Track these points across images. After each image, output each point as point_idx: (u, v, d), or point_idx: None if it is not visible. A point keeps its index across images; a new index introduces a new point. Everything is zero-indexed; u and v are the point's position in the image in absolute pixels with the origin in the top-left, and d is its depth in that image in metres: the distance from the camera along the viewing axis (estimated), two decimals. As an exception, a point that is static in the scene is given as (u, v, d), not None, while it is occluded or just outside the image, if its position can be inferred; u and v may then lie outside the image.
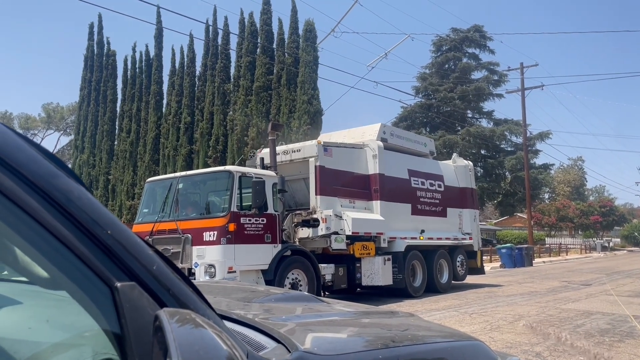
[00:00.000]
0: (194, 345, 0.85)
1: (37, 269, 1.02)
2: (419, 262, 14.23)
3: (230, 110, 29.24)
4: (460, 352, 1.79)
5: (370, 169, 13.46)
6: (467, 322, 9.34)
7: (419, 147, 15.68)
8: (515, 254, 28.19)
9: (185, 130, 30.40)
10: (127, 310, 0.95)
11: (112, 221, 1.00)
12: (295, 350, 1.30)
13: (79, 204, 0.96)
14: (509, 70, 40.24)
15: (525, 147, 37.59)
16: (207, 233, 10.02)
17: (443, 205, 15.57)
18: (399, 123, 40.28)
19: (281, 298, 2.39)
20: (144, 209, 11.46)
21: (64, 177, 0.98)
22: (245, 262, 10.18)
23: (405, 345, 1.62)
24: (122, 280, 0.97)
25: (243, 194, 10.42)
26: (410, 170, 14.64)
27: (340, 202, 12.48)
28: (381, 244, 13.16)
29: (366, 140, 13.84)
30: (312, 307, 2.19)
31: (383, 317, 2.20)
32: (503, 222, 60.53)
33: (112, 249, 0.98)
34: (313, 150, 12.28)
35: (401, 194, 14.10)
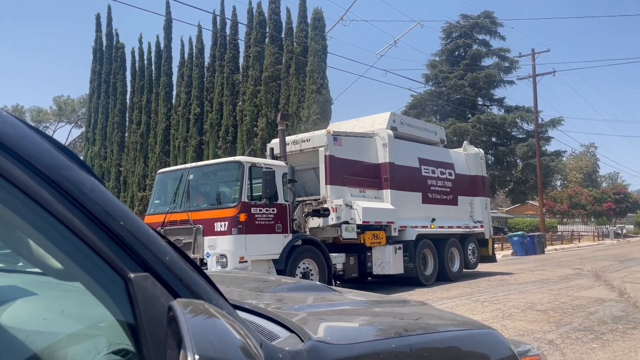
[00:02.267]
0: (208, 335, 0.85)
1: (52, 261, 1.02)
2: (430, 250, 14.22)
3: (239, 100, 29.14)
4: (473, 340, 1.78)
5: (381, 157, 13.43)
6: (479, 310, 9.35)
7: (429, 136, 15.61)
8: (527, 241, 28.03)
9: (195, 122, 30.32)
10: (140, 300, 0.95)
11: (124, 213, 1.00)
12: (308, 340, 1.30)
13: (92, 195, 0.96)
14: (520, 57, 39.95)
15: (537, 134, 37.31)
16: (218, 223, 10.09)
17: (454, 193, 15.52)
18: (408, 111, 40.08)
19: (293, 287, 2.39)
20: (156, 200, 11.53)
21: (77, 170, 0.98)
22: (257, 252, 10.24)
23: (418, 334, 1.62)
24: (136, 271, 0.97)
25: (253, 184, 10.46)
26: (421, 159, 14.60)
27: (351, 192, 12.48)
28: (392, 233, 13.16)
29: (376, 129, 13.80)
30: (324, 297, 2.18)
31: (395, 306, 2.19)
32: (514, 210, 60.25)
33: (125, 241, 0.98)
34: (323, 139, 12.27)
35: (412, 182, 14.07)
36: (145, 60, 32.69)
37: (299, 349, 1.24)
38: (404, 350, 1.47)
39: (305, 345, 1.26)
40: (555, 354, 6.10)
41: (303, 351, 1.24)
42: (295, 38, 27.45)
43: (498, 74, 41.80)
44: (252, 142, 27.10)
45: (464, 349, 1.72)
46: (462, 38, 43.21)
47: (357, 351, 1.36)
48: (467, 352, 1.73)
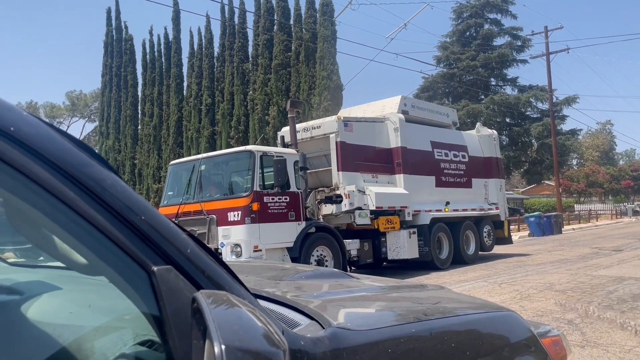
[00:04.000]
0: (232, 325, 0.87)
1: (76, 256, 1.03)
2: (445, 234, 14.14)
3: (250, 89, 29.12)
4: (492, 322, 1.78)
5: (392, 142, 13.33)
6: (497, 292, 9.30)
7: (441, 118, 15.44)
8: (544, 222, 27.76)
9: (206, 112, 30.38)
10: (164, 293, 0.97)
11: (145, 207, 1.02)
12: (329, 327, 1.30)
13: (113, 191, 0.98)
14: (532, 35, 39.29)
15: (552, 113, 36.82)
16: (231, 213, 10.10)
17: (468, 175, 15.38)
18: (420, 94, 39.74)
19: (311, 275, 2.40)
20: (169, 192, 11.57)
21: (97, 166, 0.99)
22: (271, 241, 10.24)
23: (437, 318, 1.62)
24: (159, 264, 0.99)
25: (265, 173, 10.44)
26: (433, 142, 14.46)
27: (363, 177, 12.41)
28: (406, 217, 13.09)
29: (387, 113, 13.68)
30: (342, 283, 2.19)
31: (413, 290, 2.20)
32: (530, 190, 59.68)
33: (147, 234, 1.00)
34: (333, 126, 12.18)
35: (424, 166, 13.95)
36: (155, 53, 32.77)
37: (320, 335, 1.25)
38: (423, 334, 1.48)
39: (327, 332, 1.28)
40: (574, 333, 6.09)
41: (324, 338, 1.25)
42: (304, 24, 27.25)
43: (511, 53, 41.23)
44: (264, 131, 27.07)
45: (483, 331, 1.73)
46: (473, 18, 42.61)
47: (377, 337, 1.37)
48: (486, 335, 1.73)
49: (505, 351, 1.75)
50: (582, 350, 5.47)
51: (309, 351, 1.19)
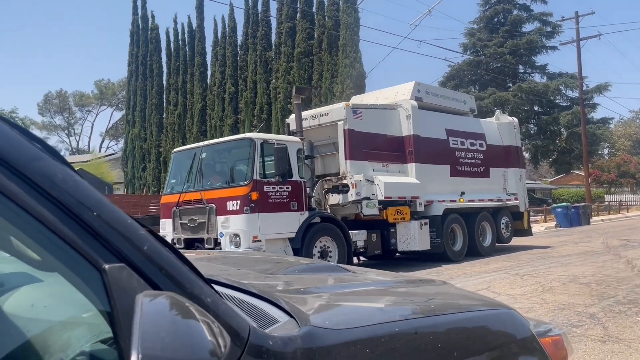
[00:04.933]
0: (160, 332, 0.85)
1: (30, 252, 1.04)
2: (459, 225, 13.55)
3: (273, 78, 28.83)
4: (487, 321, 1.73)
5: (404, 130, 12.76)
6: (518, 284, 8.96)
7: (457, 105, 14.78)
8: (571, 212, 26.85)
9: (230, 101, 30.29)
10: (115, 292, 0.95)
11: (99, 203, 1.00)
12: (304, 325, 1.27)
13: (64, 186, 0.97)
14: (562, 21, 37.75)
15: (582, 101, 35.42)
16: (230, 202, 9.77)
17: (485, 165, 14.72)
18: (446, 82, 38.73)
19: (305, 269, 2.36)
20: (172, 180, 11.32)
21: (48, 160, 0.98)
22: (271, 231, 9.88)
23: (425, 316, 1.57)
24: (111, 262, 0.97)
25: (266, 162, 10.07)
26: (449, 130, 13.84)
27: (372, 167, 11.93)
28: (417, 208, 12.58)
29: (399, 100, 13.10)
30: (335, 278, 2.14)
31: (409, 286, 2.13)
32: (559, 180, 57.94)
33: (99, 231, 0.98)
34: (341, 113, 11.69)
35: (438, 155, 13.38)
36: (179, 41, 32.73)
37: (292, 335, 1.22)
38: (407, 333, 1.44)
39: (300, 331, 1.24)
40: (596, 328, 5.81)
41: (297, 337, 1.21)
42: (326, 12, 26.79)
43: (540, 39, 39.72)
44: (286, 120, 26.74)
45: (476, 331, 1.67)
46: (502, 3, 41.18)
47: (355, 336, 1.33)
48: (479, 334, 1.67)
49: (500, 351, 1.67)
50: (603, 346, 5.17)
51: (278, 351, 1.15)
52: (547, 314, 6.50)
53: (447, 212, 13.11)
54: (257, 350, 1.10)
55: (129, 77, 35.27)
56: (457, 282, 8.86)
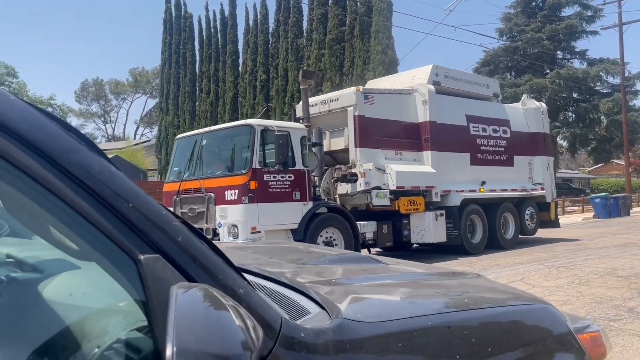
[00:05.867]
0: (194, 325, 0.87)
1: (68, 242, 1.05)
2: (479, 216, 12.89)
3: (304, 65, 28.26)
4: (523, 316, 1.69)
5: (420, 116, 12.11)
6: (553, 276, 8.74)
7: (479, 90, 13.99)
8: (610, 203, 25.57)
9: (261, 89, 30.11)
10: (150, 282, 0.96)
11: (134, 194, 1.02)
12: (336, 317, 1.27)
13: (100, 177, 0.98)
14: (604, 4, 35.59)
15: (623, 87, 33.45)
16: (228, 192, 9.39)
17: (509, 153, 13.93)
18: (480, 68, 37.19)
19: (335, 260, 2.36)
20: (175, 167, 10.99)
21: (85, 151, 1.00)
22: (271, 222, 9.45)
23: (459, 310, 1.55)
24: (146, 252, 0.99)
25: (267, 150, 9.64)
26: (469, 116, 13.10)
27: (385, 155, 11.36)
28: (433, 198, 11.98)
29: (415, 84, 12.43)
30: (366, 269, 2.14)
31: (442, 278, 2.11)
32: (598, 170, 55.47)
33: (134, 222, 0.99)
34: (351, 98, 11.13)
35: (457, 142, 12.70)
36: (211, 29, 32.52)
37: (324, 327, 1.22)
38: (440, 327, 1.42)
39: (332, 323, 1.25)
40: (635, 322, 5.60)
41: (328, 330, 1.22)
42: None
43: (580, 24, 37.53)
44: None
45: (511, 326, 1.64)
46: (541, -13, 39.10)
47: (387, 329, 1.32)
48: (513, 329, 1.64)
49: (535, 347, 1.62)
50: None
51: (309, 342, 1.16)
52: (583, 307, 6.30)
53: (465, 202, 12.51)
54: (289, 341, 1.12)
55: (162, 65, 35.23)
56: (489, 274, 8.83)
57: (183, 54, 33.47)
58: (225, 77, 31.55)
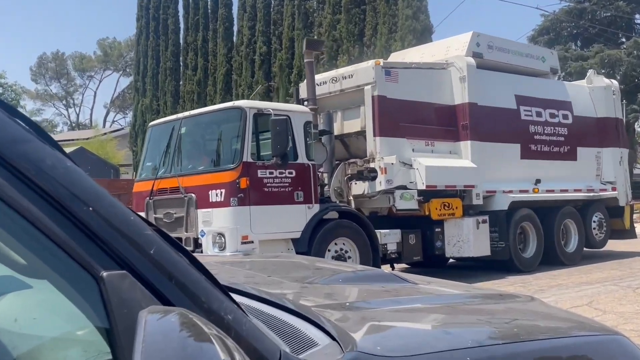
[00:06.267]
0: (167, 359, 0.87)
1: (14, 255, 1.06)
2: (532, 224, 12.97)
3: (315, 34, 28.35)
4: (588, 350, 1.70)
5: (457, 96, 12.21)
6: (630, 299, 8.75)
7: (533, 63, 14.05)
8: None
9: (261, 64, 30.36)
10: (115, 305, 0.96)
11: (96, 195, 1.03)
12: (350, 350, 1.29)
13: (53, 174, 0.99)
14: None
15: None
16: (213, 191, 9.42)
17: (571, 143, 14.04)
18: (537, 38, 37.08)
19: (351, 278, 2.40)
20: (147, 162, 11.13)
21: (35, 142, 1.01)
22: (266, 229, 9.48)
23: (507, 342, 1.56)
24: (110, 268, 0.99)
25: (262, 139, 9.73)
26: (519, 97, 13.20)
27: (412, 145, 11.47)
28: (473, 200, 12.07)
29: (451, 56, 12.51)
30: (389, 290, 2.18)
31: (487, 302, 2.15)
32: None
33: (95, 230, 1.00)
34: (369, 74, 11.22)
35: (505, 130, 12.84)
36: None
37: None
38: None
39: (345, 357, 1.26)
40: None
41: None
42: (383, -52, 26.06)
43: (665, -20, 37.33)
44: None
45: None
46: None
47: None
48: None
49: None
50: None
51: None
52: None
53: (514, 206, 12.57)
54: None
55: (138, 35, 35.53)
56: (547, 296, 8.79)
57: (164, 21, 33.73)
58: (216, 50, 31.73)
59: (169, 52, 33.52)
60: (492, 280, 11.24)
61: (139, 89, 35.08)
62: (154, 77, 34.14)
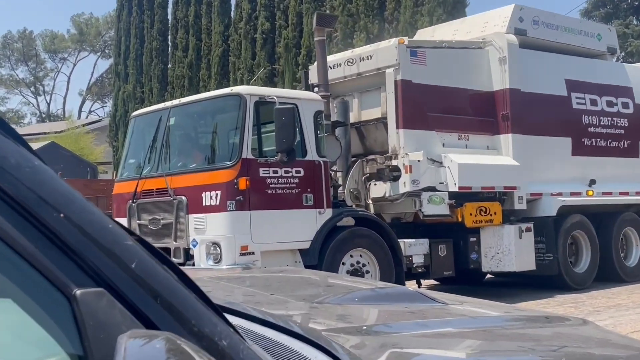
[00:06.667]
0: None
1: None
2: (585, 232, 13.11)
3: (326, 8, 28.42)
4: None
5: (496, 82, 12.34)
6: None
7: (586, 42, 14.16)
8: None
9: (263, 43, 30.31)
10: (90, 329, 0.96)
11: (68, 199, 1.03)
12: None
13: (17, 175, 0.99)
14: None
15: None
16: (207, 194, 9.54)
17: (632, 137, 14.24)
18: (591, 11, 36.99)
19: (369, 297, 2.44)
20: (130, 159, 11.34)
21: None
22: (269, 239, 9.62)
23: None
24: (85, 285, 0.99)
25: (265, 132, 9.91)
26: (571, 82, 13.32)
27: (442, 139, 11.64)
28: (515, 204, 12.16)
29: (489, 34, 12.63)
30: (415, 311, 2.20)
31: (531, 325, 2.18)
32: None
33: (67, 241, 0.99)
34: (392, 55, 11.34)
35: (553, 121, 13.04)
36: (191, -45, 32.85)
37: None
38: None
39: None
40: None
41: None
42: None
43: None
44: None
45: None
46: None
47: None
48: None
49: None
50: None
51: None
52: None
53: (564, 211, 12.67)
54: None
55: (118, 10, 35.80)
56: (603, 319, 8.81)
57: (149, -7, 33.97)
58: (210, 27, 31.86)
59: (154, 30, 33.61)
60: (538, 299, 11.29)
61: (120, 73, 35.28)
62: (137, 59, 34.25)
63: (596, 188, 13.16)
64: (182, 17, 32.89)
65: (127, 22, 34.77)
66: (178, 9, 33.06)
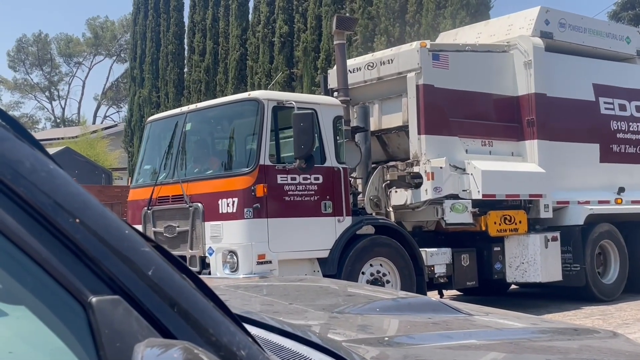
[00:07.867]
0: None
1: None
2: (614, 242, 13.11)
3: (346, 11, 28.48)
4: None
5: (521, 86, 12.37)
6: None
7: (615, 45, 14.10)
8: None
9: (281, 47, 30.33)
10: (105, 337, 0.96)
11: (85, 204, 1.03)
12: None
13: (33, 179, 0.99)
14: None
15: None
16: (224, 201, 9.57)
17: None
18: (619, 13, 36.75)
19: (390, 307, 2.45)
20: (145, 165, 11.46)
21: (12, 140, 1.02)
22: (287, 247, 9.65)
23: None
24: (100, 293, 0.99)
25: (283, 138, 9.97)
26: (599, 86, 13.34)
27: (465, 145, 11.67)
28: (540, 213, 12.15)
29: (514, 37, 12.62)
30: (438, 322, 2.19)
31: (557, 338, 2.18)
32: None
33: (82, 247, 1.00)
34: (414, 58, 11.39)
35: (580, 127, 13.06)
36: (208, -41, 33.01)
37: None
38: None
39: None
40: None
41: None
42: None
43: None
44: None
45: None
46: None
47: None
48: None
49: None
50: None
51: None
52: None
53: (592, 220, 12.67)
54: None
55: (134, 14, 36.12)
56: (634, 332, 8.81)
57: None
58: (228, 31, 31.99)
59: (171, 33, 33.81)
60: (565, 311, 11.26)
61: (136, 77, 35.48)
62: (153, 63, 34.49)
63: (625, 196, 13.16)
64: (199, 20, 33.05)
65: (143, 25, 35.02)
66: (195, 12, 33.23)
